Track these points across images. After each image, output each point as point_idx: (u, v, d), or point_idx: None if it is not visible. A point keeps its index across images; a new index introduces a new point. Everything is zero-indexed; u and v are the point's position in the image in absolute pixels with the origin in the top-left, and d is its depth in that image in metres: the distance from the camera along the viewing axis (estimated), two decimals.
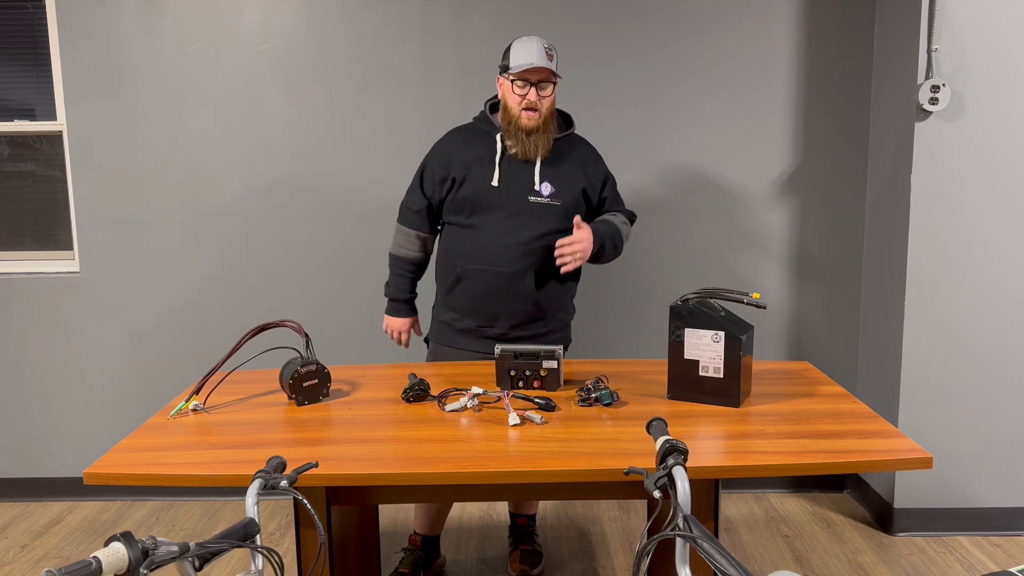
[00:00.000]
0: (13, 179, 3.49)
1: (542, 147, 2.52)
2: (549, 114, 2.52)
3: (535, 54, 2.44)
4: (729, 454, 1.82)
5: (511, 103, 2.50)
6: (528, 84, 2.46)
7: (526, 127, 2.49)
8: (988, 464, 3.14)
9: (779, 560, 2.99)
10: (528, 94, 2.46)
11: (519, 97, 2.47)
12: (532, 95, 2.46)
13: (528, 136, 2.50)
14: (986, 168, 2.99)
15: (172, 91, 3.34)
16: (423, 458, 1.82)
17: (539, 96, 2.47)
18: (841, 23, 3.29)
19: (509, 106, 2.51)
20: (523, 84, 2.46)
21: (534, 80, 2.45)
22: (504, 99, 2.53)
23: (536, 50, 2.45)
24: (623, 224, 2.67)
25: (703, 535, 1.23)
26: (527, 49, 2.46)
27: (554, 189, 2.55)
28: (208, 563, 1.29)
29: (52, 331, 3.49)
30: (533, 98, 2.46)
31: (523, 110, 2.48)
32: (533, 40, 2.48)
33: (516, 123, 2.50)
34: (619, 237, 2.63)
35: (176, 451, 1.89)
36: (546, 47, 2.47)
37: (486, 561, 3.02)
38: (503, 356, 2.26)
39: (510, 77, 2.48)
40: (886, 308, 3.22)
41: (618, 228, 2.63)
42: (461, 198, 2.56)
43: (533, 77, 2.45)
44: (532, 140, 2.51)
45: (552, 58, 2.48)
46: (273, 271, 3.45)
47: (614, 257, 2.65)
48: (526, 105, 2.47)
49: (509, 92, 2.50)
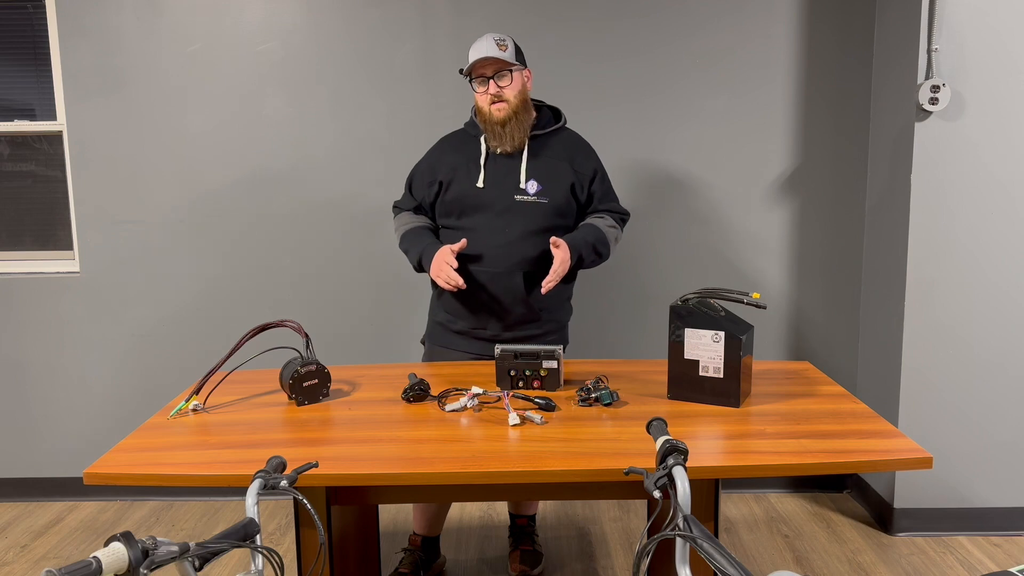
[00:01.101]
0: (13, 179, 3.49)
1: (518, 136, 2.55)
2: (519, 103, 2.54)
3: (483, 48, 2.50)
4: (729, 454, 1.82)
5: (480, 102, 2.56)
6: (486, 79, 2.51)
7: (498, 119, 2.53)
8: (988, 464, 3.14)
9: (779, 560, 2.99)
10: (488, 88, 2.51)
11: (483, 94, 2.53)
12: (492, 88, 2.51)
13: (503, 128, 2.53)
14: (986, 168, 2.99)
15: (172, 91, 3.34)
16: (423, 458, 1.82)
17: (500, 87, 2.51)
18: (841, 23, 3.29)
19: (480, 106, 2.57)
20: (482, 80, 2.52)
21: (490, 73, 2.51)
22: (476, 102, 2.59)
23: (485, 45, 2.50)
24: (610, 228, 2.64)
25: (703, 535, 1.23)
26: (476, 47, 2.52)
27: (540, 187, 2.56)
28: (208, 563, 1.29)
29: (52, 331, 3.49)
30: (494, 90, 2.51)
31: (491, 105, 2.52)
32: (483, 37, 2.53)
33: (489, 118, 2.54)
34: (603, 243, 2.60)
35: (176, 451, 1.89)
36: (496, 39, 2.52)
37: (486, 561, 3.02)
38: (503, 356, 2.26)
39: (467, 77, 2.55)
40: (886, 308, 3.22)
41: (603, 233, 2.60)
42: (449, 201, 2.60)
43: (488, 71, 2.51)
44: (508, 131, 2.54)
45: (505, 48, 2.51)
46: (273, 271, 3.45)
47: (599, 263, 2.64)
48: (491, 99, 2.52)
49: (475, 93, 2.57)
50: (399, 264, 3.40)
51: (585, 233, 2.58)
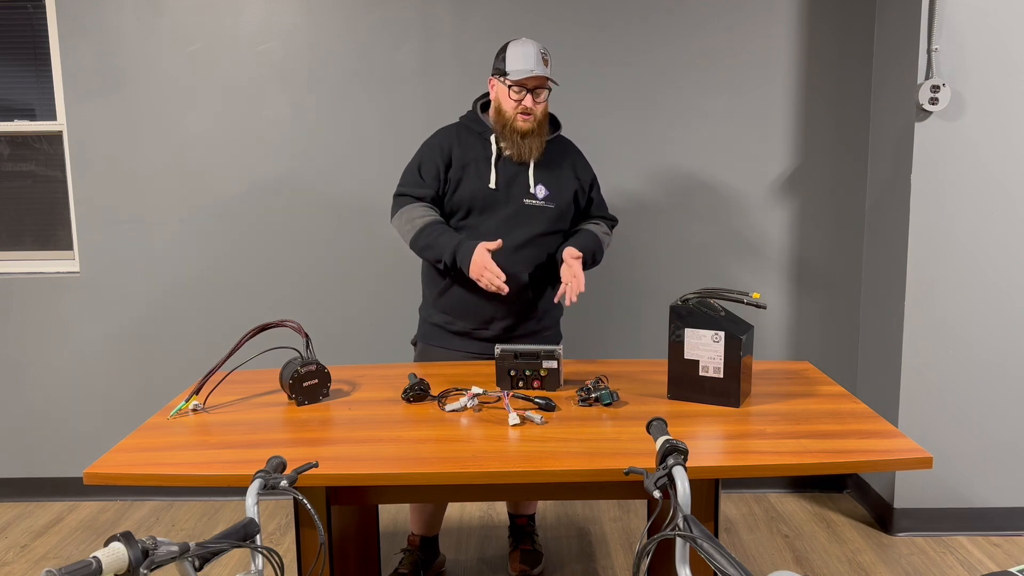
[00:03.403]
0: (13, 179, 3.49)
1: (536, 149, 2.53)
2: (543, 118, 2.53)
3: (533, 60, 2.44)
4: (729, 454, 1.82)
5: (506, 107, 2.49)
6: (525, 90, 2.45)
7: (521, 130, 2.49)
8: (988, 464, 3.14)
9: (779, 560, 2.98)
10: (524, 100, 2.46)
11: (515, 102, 2.47)
12: (528, 101, 2.46)
13: (523, 139, 2.51)
14: (986, 168, 2.99)
15: (172, 91, 3.34)
16: (423, 458, 1.82)
17: (535, 102, 2.47)
18: (841, 23, 3.29)
19: (504, 109, 2.50)
20: (520, 90, 2.46)
21: (531, 87, 2.45)
22: (498, 101, 2.52)
23: (534, 56, 2.44)
24: (604, 235, 2.68)
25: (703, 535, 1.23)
26: (524, 54, 2.45)
27: (548, 192, 2.57)
28: (208, 563, 1.29)
29: (52, 331, 3.49)
30: (529, 104, 2.46)
31: (519, 114, 2.48)
32: (530, 45, 2.46)
33: (511, 126, 2.50)
34: (600, 251, 2.64)
35: (176, 451, 1.89)
36: (542, 52, 2.47)
37: (486, 561, 3.02)
38: (503, 356, 2.26)
39: (507, 83, 2.47)
40: (886, 308, 3.22)
41: (599, 240, 2.64)
42: (458, 199, 2.55)
43: (530, 84, 2.45)
44: (527, 143, 2.51)
45: (548, 63, 2.49)
46: (273, 271, 3.45)
47: (590, 268, 2.63)
48: (522, 110, 2.47)
49: (504, 96, 2.49)
50: (399, 263, 3.40)
51: (587, 241, 2.60)
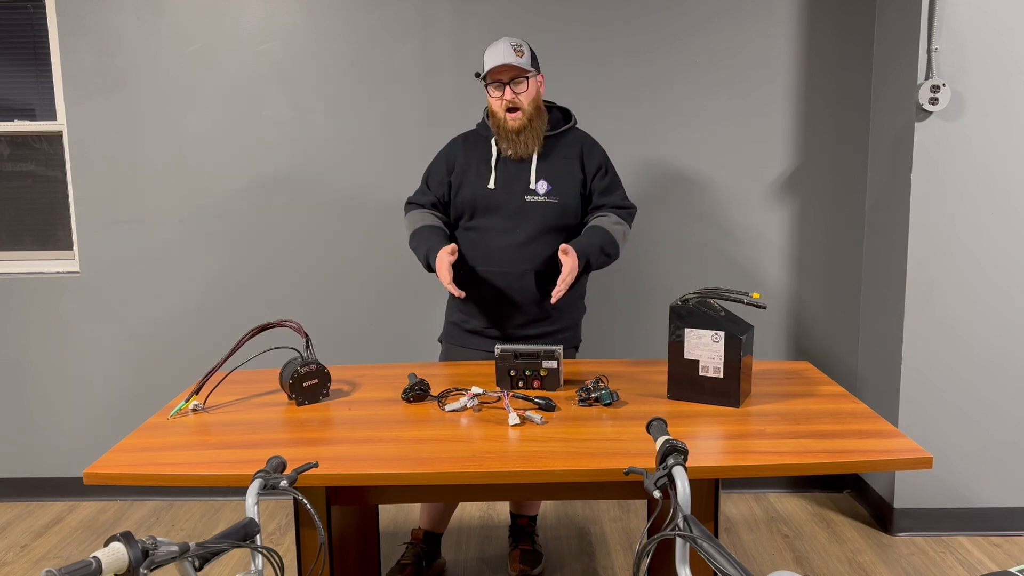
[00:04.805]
0: (13, 179, 3.49)
1: (533, 144, 2.55)
2: (533, 110, 2.54)
3: (500, 54, 2.48)
4: (729, 454, 1.82)
5: (494, 107, 2.56)
6: (501, 84, 2.50)
7: (512, 128, 2.53)
8: (988, 464, 3.14)
9: (779, 560, 2.99)
10: (504, 94, 2.50)
11: (497, 100, 2.52)
12: (508, 94, 2.50)
13: (518, 136, 2.54)
14: (986, 168, 2.99)
15: (172, 91, 3.34)
16: (423, 458, 1.82)
17: (515, 94, 2.50)
18: (841, 23, 3.29)
19: (494, 111, 2.57)
20: (497, 86, 2.51)
21: (506, 79, 2.50)
22: (489, 105, 2.60)
23: (502, 50, 2.49)
24: (615, 225, 2.57)
25: (703, 535, 1.23)
26: (494, 52, 2.50)
27: (550, 187, 2.56)
28: (208, 563, 1.29)
29: (52, 331, 3.49)
30: (509, 97, 2.50)
31: (506, 112, 2.52)
32: (500, 42, 2.52)
33: (503, 126, 2.54)
34: (611, 244, 2.54)
35: (176, 451, 1.90)
36: (514, 44, 2.51)
37: (486, 561, 3.02)
38: (503, 356, 2.26)
39: (483, 83, 2.54)
40: (886, 308, 3.22)
41: (609, 234, 2.54)
42: (461, 202, 2.61)
43: (504, 76, 2.50)
44: (522, 139, 2.55)
45: (522, 54, 2.50)
46: (273, 271, 3.45)
47: (609, 263, 2.59)
48: (507, 106, 2.51)
49: (489, 97, 2.57)
50: (399, 263, 3.41)
51: (592, 237, 2.53)
